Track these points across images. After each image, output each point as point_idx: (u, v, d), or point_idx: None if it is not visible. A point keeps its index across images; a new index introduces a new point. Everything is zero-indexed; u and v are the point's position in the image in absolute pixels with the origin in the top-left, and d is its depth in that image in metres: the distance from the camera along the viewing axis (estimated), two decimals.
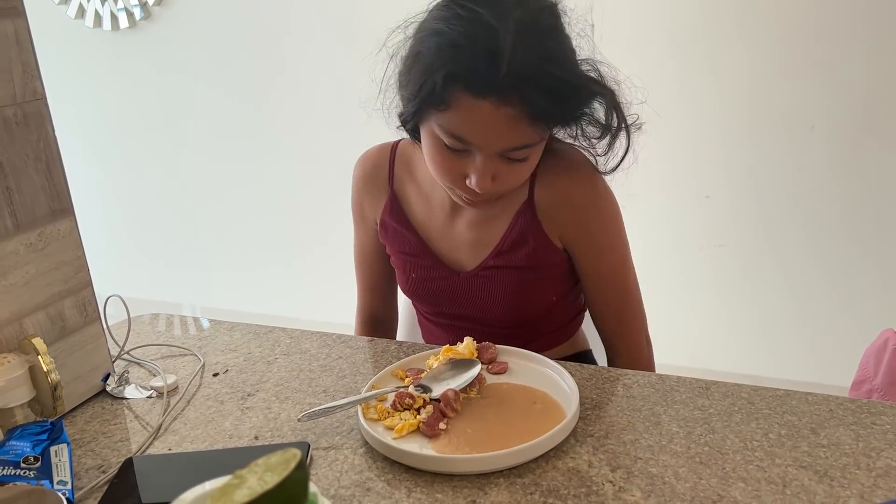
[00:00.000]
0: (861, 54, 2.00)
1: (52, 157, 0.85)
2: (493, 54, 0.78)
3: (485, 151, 0.86)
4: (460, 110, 0.83)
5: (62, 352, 0.88)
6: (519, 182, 0.93)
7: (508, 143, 0.85)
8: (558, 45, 0.84)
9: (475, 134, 0.84)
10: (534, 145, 0.87)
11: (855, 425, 0.76)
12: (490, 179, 0.88)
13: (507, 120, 0.82)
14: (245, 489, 0.39)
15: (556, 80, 0.81)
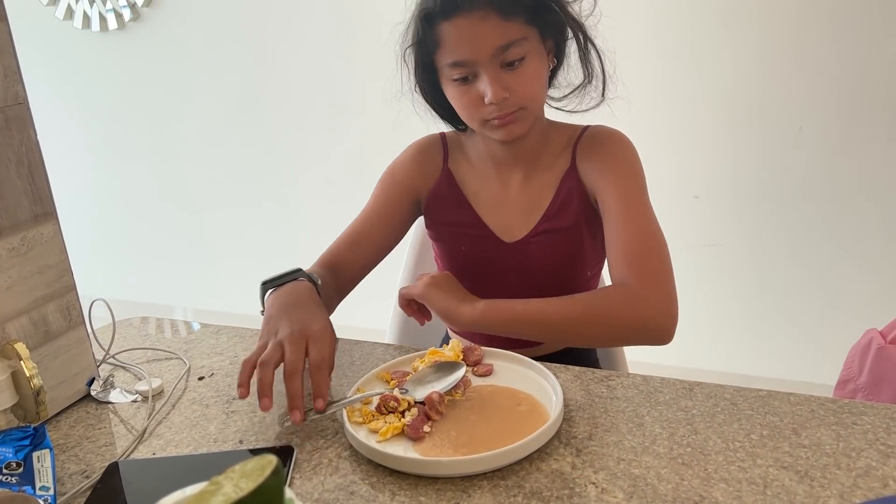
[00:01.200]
0: (849, 55, 2.01)
1: (35, 161, 0.85)
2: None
3: (481, 60, 0.98)
4: (447, 38, 0.99)
5: (46, 356, 0.88)
6: (532, 90, 1.02)
7: (494, 43, 0.97)
8: None
9: (466, 49, 0.98)
10: (520, 41, 0.97)
11: (836, 425, 0.76)
12: (502, 89, 0.98)
13: (483, 22, 0.96)
14: (220, 496, 0.39)
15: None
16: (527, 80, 1.01)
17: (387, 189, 1.20)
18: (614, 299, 0.96)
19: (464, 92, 1.02)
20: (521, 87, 1.00)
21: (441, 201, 1.18)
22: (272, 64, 2.78)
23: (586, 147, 1.12)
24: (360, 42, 2.56)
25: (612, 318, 0.94)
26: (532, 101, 1.04)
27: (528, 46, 1.00)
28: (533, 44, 1.00)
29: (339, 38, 2.61)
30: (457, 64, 1.00)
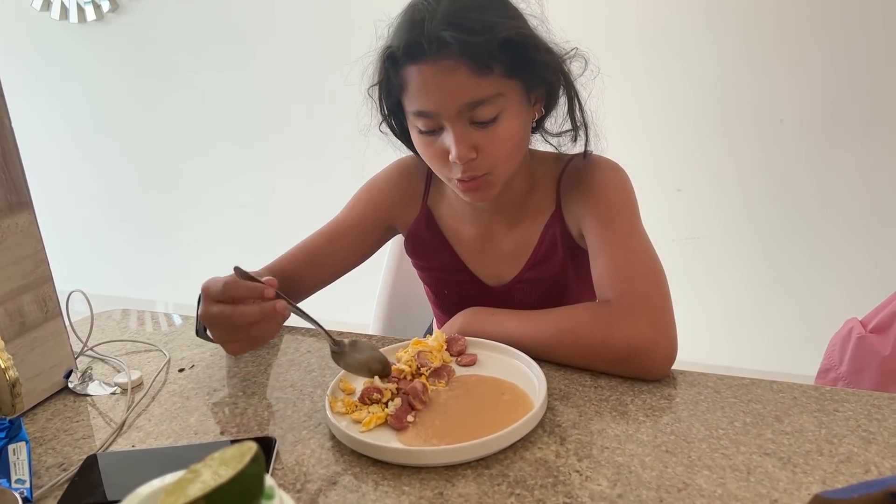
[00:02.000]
0: (829, 49, 2.03)
1: (9, 149, 0.83)
2: (418, 21, 0.87)
3: (447, 115, 0.88)
4: (412, 83, 0.89)
5: (22, 348, 0.86)
6: (503, 152, 0.92)
7: (462, 99, 0.87)
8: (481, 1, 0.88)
9: (430, 99, 0.88)
10: (493, 98, 0.88)
11: (818, 412, 0.77)
12: (468, 148, 0.89)
13: (450, 74, 0.86)
14: (199, 483, 0.39)
15: (475, 21, 0.85)
16: (498, 141, 0.91)
17: (360, 208, 1.14)
18: (583, 318, 0.88)
19: (428, 143, 0.93)
20: (491, 149, 0.91)
21: (421, 245, 1.13)
22: (253, 57, 2.75)
23: (570, 184, 1.04)
24: (346, 35, 2.54)
25: (585, 339, 0.86)
26: (503, 165, 0.94)
27: (504, 103, 0.89)
28: (511, 100, 0.90)
29: (323, 32, 2.59)
30: (421, 114, 0.90)
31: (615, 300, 0.88)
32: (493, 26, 0.85)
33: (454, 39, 0.83)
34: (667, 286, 0.89)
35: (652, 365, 0.83)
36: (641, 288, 0.88)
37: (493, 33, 0.84)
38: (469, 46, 0.84)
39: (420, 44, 0.86)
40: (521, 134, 0.94)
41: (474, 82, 0.86)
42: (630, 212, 0.99)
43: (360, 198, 1.15)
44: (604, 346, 0.85)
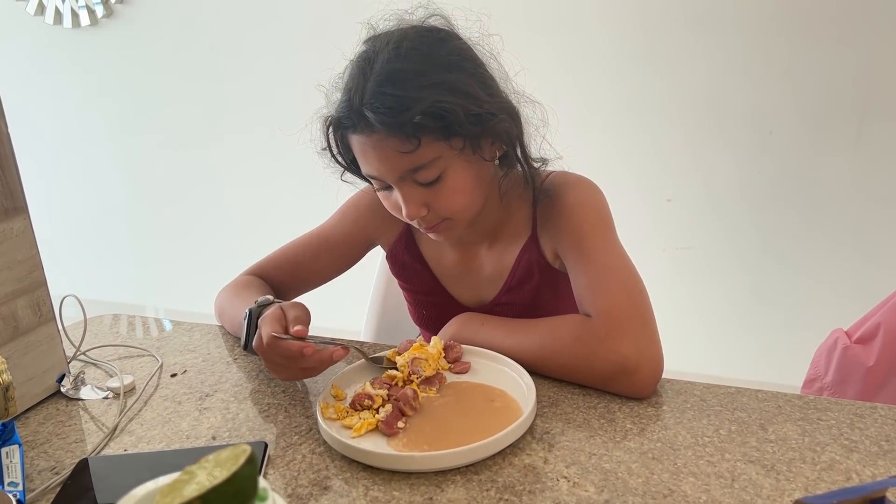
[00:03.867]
0: (818, 62, 2.05)
1: (5, 154, 0.84)
2: (347, 95, 0.89)
3: (390, 179, 0.90)
4: (356, 151, 0.92)
5: (15, 352, 0.87)
6: (459, 204, 0.93)
7: (399, 166, 0.88)
8: (407, 67, 0.86)
9: (371, 166, 0.91)
10: (431, 162, 0.88)
11: (802, 421, 0.78)
12: (419, 207, 0.91)
13: (381, 145, 0.87)
14: (194, 484, 0.39)
15: (394, 98, 0.84)
16: (448, 196, 0.91)
17: (346, 223, 1.15)
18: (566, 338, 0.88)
19: (384, 197, 0.96)
20: (442, 204, 0.92)
21: (401, 265, 1.15)
22: (245, 63, 2.76)
23: (545, 208, 1.02)
24: (336, 38, 2.55)
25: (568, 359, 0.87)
26: (460, 213, 0.94)
27: (445, 163, 0.89)
28: (452, 158, 0.89)
29: (314, 35, 2.60)
30: (369, 175, 0.93)
31: (596, 319, 0.87)
32: (412, 103, 0.83)
33: (374, 121, 0.85)
34: (648, 302, 0.88)
35: (635, 386, 0.83)
36: (621, 306, 0.87)
37: (411, 110, 0.83)
38: (389, 127, 0.85)
39: (350, 118, 0.88)
40: (472, 184, 0.93)
41: (405, 149, 0.86)
42: (603, 228, 0.97)
43: (346, 212, 1.16)
44: (587, 367, 0.85)
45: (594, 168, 2.43)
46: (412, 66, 0.86)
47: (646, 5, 2.17)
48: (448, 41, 0.91)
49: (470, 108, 0.86)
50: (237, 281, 1.12)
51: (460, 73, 0.88)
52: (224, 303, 1.10)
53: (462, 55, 0.91)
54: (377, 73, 0.86)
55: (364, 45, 0.93)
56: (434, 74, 0.86)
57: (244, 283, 1.10)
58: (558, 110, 2.37)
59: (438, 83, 0.86)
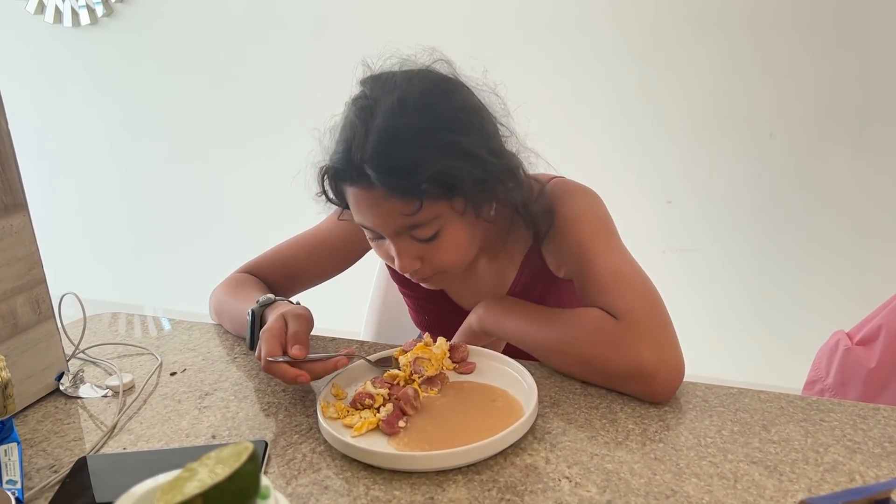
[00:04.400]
0: (819, 63, 2.05)
1: (5, 151, 0.83)
2: (348, 146, 0.85)
3: (385, 233, 0.89)
4: (350, 201, 0.90)
5: (14, 349, 0.86)
6: (454, 259, 0.92)
7: (397, 223, 0.86)
8: (413, 125, 0.83)
9: (366, 219, 0.89)
10: (427, 222, 0.86)
11: (804, 422, 0.78)
12: (412, 261, 0.90)
13: (381, 201, 0.84)
14: (195, 481, 0.39)
15: (399, 159, 0.82)
16: (442, 251, 0.90)
17: (344, 226, 1.11)
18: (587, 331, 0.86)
19: (376, 245, 0.95)
20: (435, 258, 0.91)
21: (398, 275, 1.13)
22: (245, 62, 2.76)
23: None
24: (346, 46, 2.55)
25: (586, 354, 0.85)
26: (454, 266, 0.94)
27: (444, 221, 0.88)
28: (452, 216, 0.88)
29: (314, 36, 2.60)
30: (362, 225, 0.91)
31: (619, 318, 0.84)
32: (418, 166, 0.81)
33: (376, 179, 0.82)
34: (664, 305, 0.86)
35: (652, 391, 0.81)
36: (638, 308, 0.84)
37: (416, 174, 0.81)
38: (392, 187, 0.82)
39: (349, 172, 0.85)
40: (469, 241, 0.92)
41: (405, 209, 0.84)
42: (606, 234, 0.96)
43: (344, 215, 1.12)
44: (604, 364, 0.84)
45: (595, 169, 2.43)
46: (417, 124, 0.83)
47: (647, 7, 2.17)
48: (454, 94, 0.88)
49: (476, 173, 0.84)
50: (232, 279, 1.11)
51: (467, 133, 0.86)
52: (221, 302, 1.09)
53: (468, 109, 0.88)
54: (379, 127, 0.83)
55: (362, 86, 0.89)
56: (440, 135, 0.84)
57: (240, 282, 1.10)
58: (560, 111, 2.39)
59: (445, 145, 0.83)
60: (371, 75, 0.90)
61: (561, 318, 0.90)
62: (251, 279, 1.11)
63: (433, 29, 2.41)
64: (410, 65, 0.91)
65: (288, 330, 0.86)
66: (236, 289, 1.07)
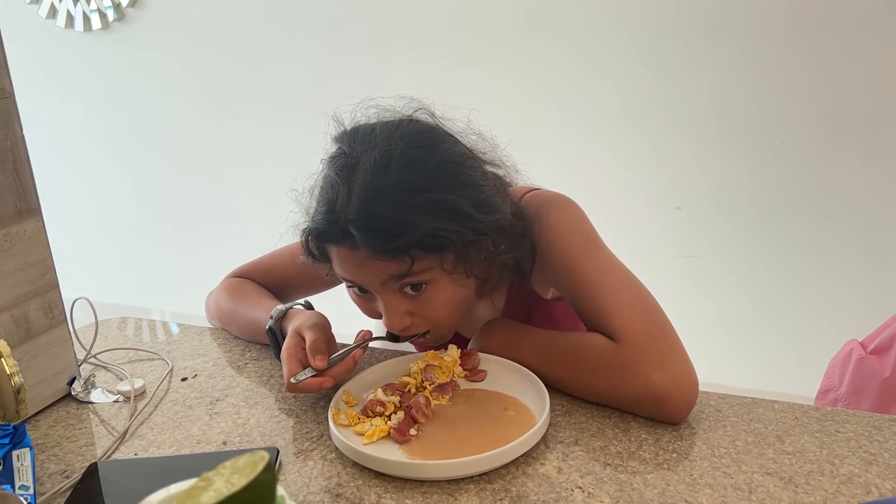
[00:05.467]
0: (829, 68, 2.05)
1: (20, 156, 0.84)
2: (331, 207, 0.81)
3: (372, 288, 0.85)
4: (334, 259, 0.85)
5: (26, 354, 0.86)
6: (443, 315, 0.88)
7: (384, 278, 0.82)
8: (397, 184, 0.80)
9: (353, 276, 0.85)
10: (417, 274, 0.82)
11: (819, 433, 0.77)
12: (402, 316, 0.86)
13: (369, 259, 0.80)
14: (211, 491, 0.39)
15: (386, 221, 0.78)
16: (433, 306, 0.86)
17: None
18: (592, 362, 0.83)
19: (361, 302, 0.90)
20: (426, 313, 0.87)
21: None
22: (256, 66, 2.77)
23: None
24: (346, 44, 2.56)
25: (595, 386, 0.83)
26: (446, 322, 0.90)
27: (433, 274, 0.83)
28: (440, 271, 0.83)
29: (324, 39, 2.60)
30: (347, 280, 0.87)
31: (620, 342, 0.81)
32: (405, 228, 0.78)
33: (362, 241, 0.79)
34: (664, 317, 0.83)
35: (666, 413, 0.79)
36: (639, 326, 0.81)
37: (404, 237, 0.78)
38: (381, 250, 0.79)
39: (334, 233, 0.81)
40: (461, 295, 0.88)
41: (394, 269, 0.81)
42: (590, 247, 0.90)
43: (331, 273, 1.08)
44: (615, 392, 0.81)
45: (604, 176, 2.43)
46: (402, 182, 0.80)
47: (656, 12, 2.17)
48: (438, 147, 0.84)
49: (465, 233, 0.81)
50: (231, 285, 1.10)
51: (453, 189, 0.81)
52: (226, 310, 1.09)
53: (453, 161, 0.84)
54: (362, 186, 0.79)
55: (338, 143, 0.86)
56: (427, 194, 0.80)
57: (240, 287, 1.09)
58: (570, 116, 2.39)
59: (432, 204, 0.80)
60: (348, 130, 0.87)
61: (563, 348, 0.87)
62: (250, 284, 1.10)
63: (442, 32, 2.41)
64: (389, 115, 0.88)
65: (306, 343, 0.85)
66: (240, 295, 1.07)
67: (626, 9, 2.19)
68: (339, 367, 0.84)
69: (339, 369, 0.84)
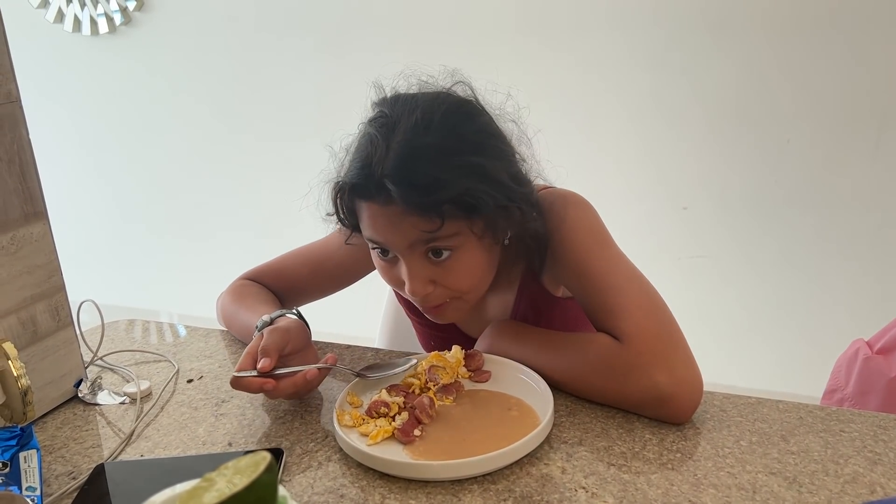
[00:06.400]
0: (836, 68, 2.04)
1: (26, 159, 0.84)
2: (367, 163, 0.82)
3: (398, 250, 0.85)
4: (363, 216, 0.86)
5: (33, 356, 0.87)
6: (464, 283, 0.88)
7: (411, 237, 0.83)
8: (435, 143, 0.81)
9: (381, 235, 0.85)
10: (445, 238, 0.83)
11: (824, 433, 0.77)
12: (424, 282, 0.86)
13: (400, 216, 0.81)
14: (214, 492, 0.39)
15: (422, 176, 0.79)
16: (457, 273, 0.86)
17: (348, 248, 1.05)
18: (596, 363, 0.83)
19: (385, 268, 0.91)
20: (449, 281, 0.87)
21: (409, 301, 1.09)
22: (263, 70, 2.78)
23: None
24: (353, 48, 2.56)
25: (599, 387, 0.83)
26: (467, 294, 0.90)
27: (462, 239, 0.84)
28: (470, 236, 0.84)
29: (330, 44, 2.61)
30: (374, 242, 0.88)
31: (625, 343, 0.82)
32: (442, 185, 0.79)
33: (398, 196, 0.79)
34: (672, 319, 0.84)
35: (670, 414, 0.79)
36: (644, 328, 0.81)
37: (439, 194, 0.79)
38: (415, 204, 0.80)
39: (368, 187, 0.82)
40: (484, 264, 0.89)
41: (425, 226, 0.81)
42: (601, 246, 0.91)
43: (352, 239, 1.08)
44: (618, 393, 0.82)
45: (610, 176, 2.42)
46: (440, 143, 0.81)
47: (662, 11, 2.16)
48: (475, 118, 0.87)
49: (498, 198, 0.82)
50: (237, 287, 1.11)
51: (489, 157, 0.84)
52: (228, 311, 1.09)
53: (490, 133, 0.87)
54: (401, 143, 0.81)
55: (379, 107, 0.87)
56: (464, 156, 0.82)
57: (244, 290, 1.09)
58: (575, 116, 2.39)
59: (469, 166, 0.81)
60: (389, 96, 0.89)
61: (568, 348, 0.88)
62: (254, 287, 1.11)
63: (447, 33, 2.41)
64: (430, 87, 0.89)
65: None
66: (242, 299, 1.07)
67: (632, 6, 2.19)
68: (286, 381, 0.82)
69: (285, 382, 0.82)
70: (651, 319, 0.83)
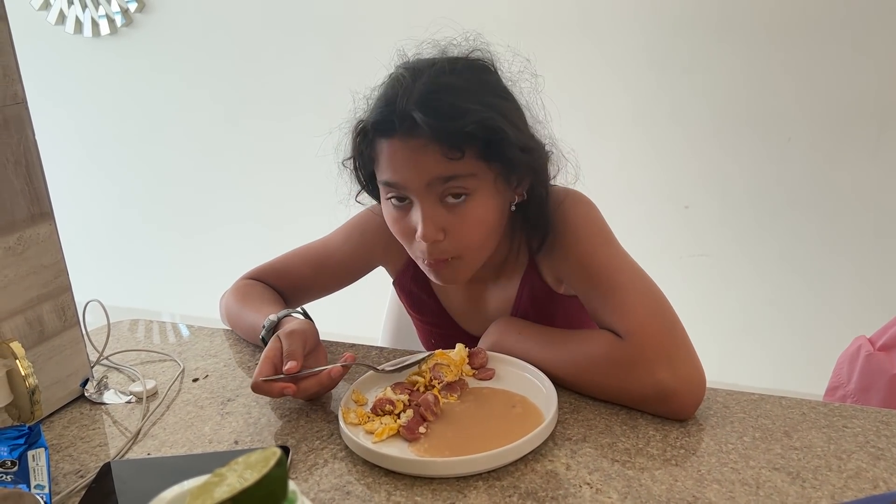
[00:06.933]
0: (837, 67, 2.04)
1: (32, 160, 0.85)
2: (392, 98, 0.86)
3: (414, 189, 0.86)
4: (382, 155, 0.88)
5: (40, 356, 0.88)
6: (474, 238, 0.89)
7: (431, 174, 0.84)
8: (460, 83, 0.86)
9: (399, 173, 0.86)
10: (465, 177, 0.85)
11: (827, 428, 0.77)
12: (436, 229, 0.86)
13: (421, 151, 0.83)
14: (225, 486, 0.40)
15: (447, 106, 0.83)
16: (469, 225, 0.87)
17: (352, 245, 1.11)
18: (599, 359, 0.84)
19: (397, 217, 0.91)
20: (460, 232, 0.87)
21: (409, 296, 1.14)
22: (265, 71, 2.78)
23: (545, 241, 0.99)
24: (354, 48, 2.57)
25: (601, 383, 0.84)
26: (473, 251, 0.91)
27: (477, 184, 0.86)
28: (485, 181, 0.87)
29: (332, 45, 2.62)
30: (390, 184, 0.88)
31: (627, 339, 0.82)
32: (465, 113, 0.82)
33: (424, 123, 0.81)
34: (675, 316, 0.84)
35: (672, 410, 0.80)
36: (647, 325, 0.82)
37: (463, 120, 0.82)
38: (438, 131, 0.82)
39: (391, 121, 0.84)
40: (494, 219, 0.90)
41: (445, 161, 0.83)
42: (604, 244, 0.92)
43: (351, 233, 1.12)
44: (620, 389, 0.83)
45: (613, 174, 2.43)
46: (466, 84, 0.86)
47: (663, 11, 2.17)
48: (494, 74, 0.92)
49: (518, 139, 0.86)
50: (240, 287, 1.11)
51: (511, 102, 0.90)
52: (232, 311, 1.10)
53: (508, 90, 0.92)
54: (427, 81, 0.84)
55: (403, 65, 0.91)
56: (486, 97, 0.86)
57: (247, 290, 1.10)
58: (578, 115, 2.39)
59: (490, 104, 0.85)
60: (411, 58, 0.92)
61: (571, 345, 0.89)
62: (258, 286, 1.11)
63: (449, 32, 2.42)
64: (450, 50, 0.93)
65: (283, 350, 0.86)
66: (246, 298, 1.08)
67: (635, 6, 2.19)
68: (310, 380, 0.83)
69: (309, 381, 0.83)
70: (654, 316, 0.83)
